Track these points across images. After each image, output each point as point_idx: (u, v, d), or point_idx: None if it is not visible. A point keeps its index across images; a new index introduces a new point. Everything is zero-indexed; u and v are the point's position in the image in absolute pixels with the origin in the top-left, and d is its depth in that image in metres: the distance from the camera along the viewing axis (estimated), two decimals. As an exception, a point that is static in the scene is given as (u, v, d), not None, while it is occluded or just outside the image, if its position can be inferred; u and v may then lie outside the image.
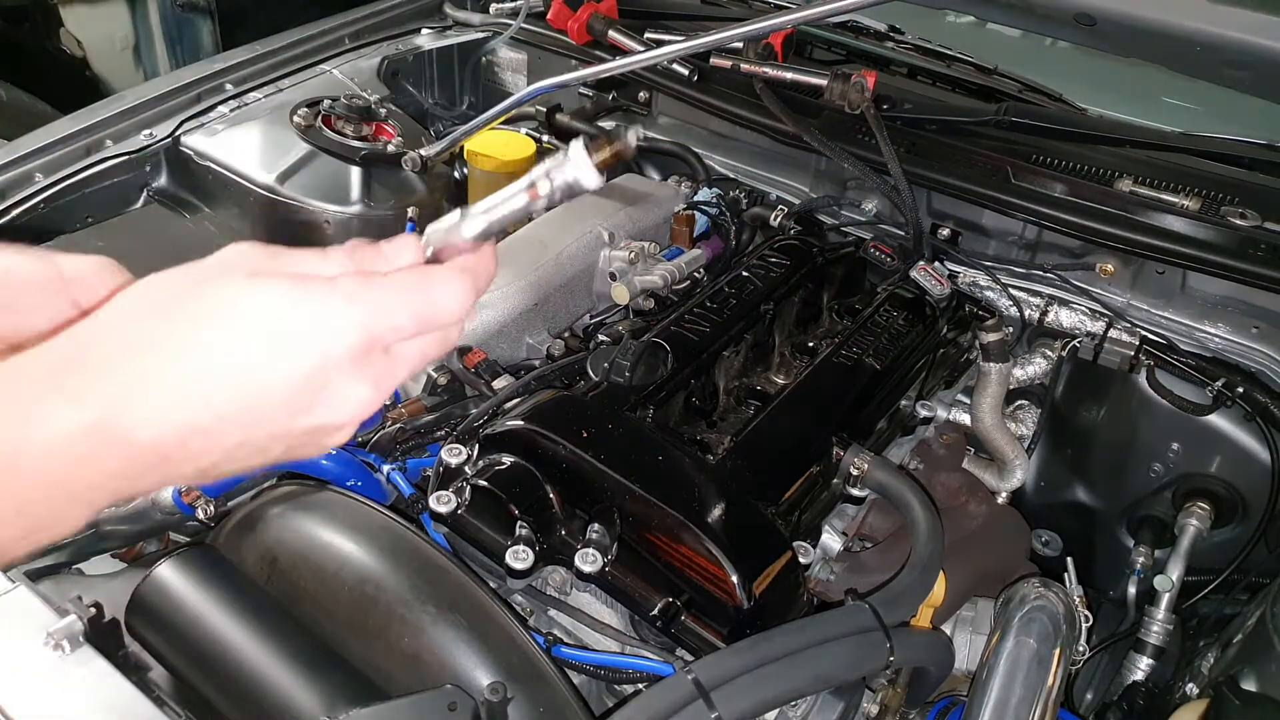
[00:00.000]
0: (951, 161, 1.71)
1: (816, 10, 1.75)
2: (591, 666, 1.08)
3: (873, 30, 2.13)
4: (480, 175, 1.87)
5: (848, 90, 1.72)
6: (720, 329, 1.35)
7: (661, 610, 1.05)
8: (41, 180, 1.72)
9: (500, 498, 1.09)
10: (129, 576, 1.15)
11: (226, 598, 1.03)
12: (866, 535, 1.30)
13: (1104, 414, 1.75)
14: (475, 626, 0.99)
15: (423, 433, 1.33)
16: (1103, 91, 2.02)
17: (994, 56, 2.02)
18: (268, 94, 1.99)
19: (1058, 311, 1.66)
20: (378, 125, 1.91)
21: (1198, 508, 1.64)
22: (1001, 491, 1.64)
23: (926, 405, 1.47)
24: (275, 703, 0.94)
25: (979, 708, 1.11)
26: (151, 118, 1.88)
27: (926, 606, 1.20)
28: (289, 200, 1.77)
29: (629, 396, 1.21)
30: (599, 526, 1.08)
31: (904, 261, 1.60)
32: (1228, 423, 1.60)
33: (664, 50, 1.80)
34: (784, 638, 0.97)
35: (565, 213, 1.68)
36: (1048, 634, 1.15)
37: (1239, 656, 1.30)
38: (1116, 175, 1.66)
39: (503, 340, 1.48)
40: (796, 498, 1.18)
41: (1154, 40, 1.53)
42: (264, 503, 1.14)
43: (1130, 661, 1.57)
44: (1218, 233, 1.54)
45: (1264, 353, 1.56)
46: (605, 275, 1.59)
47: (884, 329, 1.43)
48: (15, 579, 1.04)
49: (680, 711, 0.90)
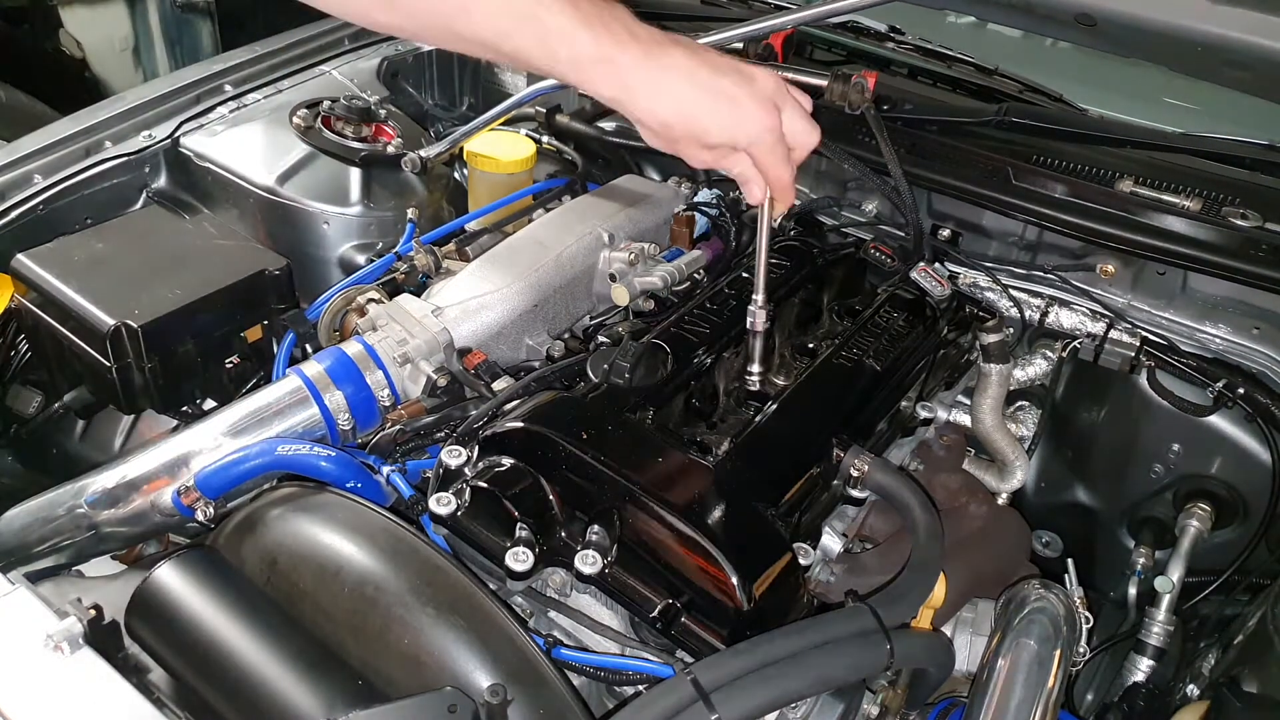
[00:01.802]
0: (952, 162, 1.71)
1: (817, 11, 1.75)
2: (591, 668, 1.07)
3: (873, 31, 2.13)
4: (480, 176, 1.87)
5: (848, 91, 1.71)
6: (720, 330, 1.35)
7: (661, 612, 1.05)
8: (41, 181, 1.72)
9: (500, 499, 1.09)
10: (129, 578, 1.15)
11: (226, 599, 1.03)
12: (867, 536, 1.30)
13: (1104, 415, 1.75)
14: (475, 628, 0.99)
15: (422, 434, 1.33)
16: (1103, 92, 2.02)
17: (994, 57, 2.02)
18: (267, 95, 1.99)
19: (1058, 312, 1.66)
20: (377, 126, 1.91)
21: (1198, 509, 1.64)
22: (1002, 492, 1.64)
23: (927, 406, 1.47)
24: (275, 704, 0.94)
25: (979, 709, 1.11)
26: (151, 119, 1.89)
27: (927, 608, 1.20)
28: (289, 201, 1.77)
29: (629, 398, 1.21)
30: (599, 528, 1.08)
31: (904, 262, 1.60)
32: (1228, 424, 1.60)
33: (664, 51, 1.80)
34: (784, 639, 0.97)
35: (565, 214, 1.68)
36: (1048, 635, 1.15)
37: (1240, 658, 1.30)
38: (1117, 176, 1.66)
39: (502, 342, 1.48)
40: (796, 499, 1.17)
41: (1155, 40, 1.53)
42: (263, 504, 1.14)
43: (1131, 663, 1.57)
44: (1218, 233, 1.54)
45: (1265, 354, 1.56)
46: (605, 276, 1.59)
47: (884, 330, 1.43)
48: (15, 580, 1.03)
49: (680, 713, 0.90)
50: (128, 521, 1.27)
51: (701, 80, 0.94)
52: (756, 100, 0.97)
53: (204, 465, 1.25)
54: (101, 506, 1.26)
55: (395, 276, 1.60)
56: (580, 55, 0.90)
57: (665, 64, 0.93)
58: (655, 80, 0.93)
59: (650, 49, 0.92)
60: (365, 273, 1.62)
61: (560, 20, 0.88)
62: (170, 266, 1.56)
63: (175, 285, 1.51)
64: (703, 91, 0.94)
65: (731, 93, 0.95)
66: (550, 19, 0.88)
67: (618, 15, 0.92)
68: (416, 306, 1.44)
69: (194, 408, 1.60)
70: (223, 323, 1.56)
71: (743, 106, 0.96)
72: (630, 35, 0.92)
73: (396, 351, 1.37)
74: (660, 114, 0.95)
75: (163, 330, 1.47)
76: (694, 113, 0.95)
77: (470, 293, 1.47)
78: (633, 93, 0.93)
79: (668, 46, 0.94)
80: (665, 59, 0.93)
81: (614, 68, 0.91)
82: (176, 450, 1.28)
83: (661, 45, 0.93)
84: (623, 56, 0.91)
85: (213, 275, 1.55)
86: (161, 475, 1.26)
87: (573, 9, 0.89)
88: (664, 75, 0.93)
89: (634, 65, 0.92)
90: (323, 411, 1.31)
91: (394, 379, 1.36)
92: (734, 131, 0.97)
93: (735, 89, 0.96)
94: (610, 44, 0.90)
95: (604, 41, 0.90)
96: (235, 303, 1.56)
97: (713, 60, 0.96)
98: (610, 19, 0.91)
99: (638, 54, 0.92)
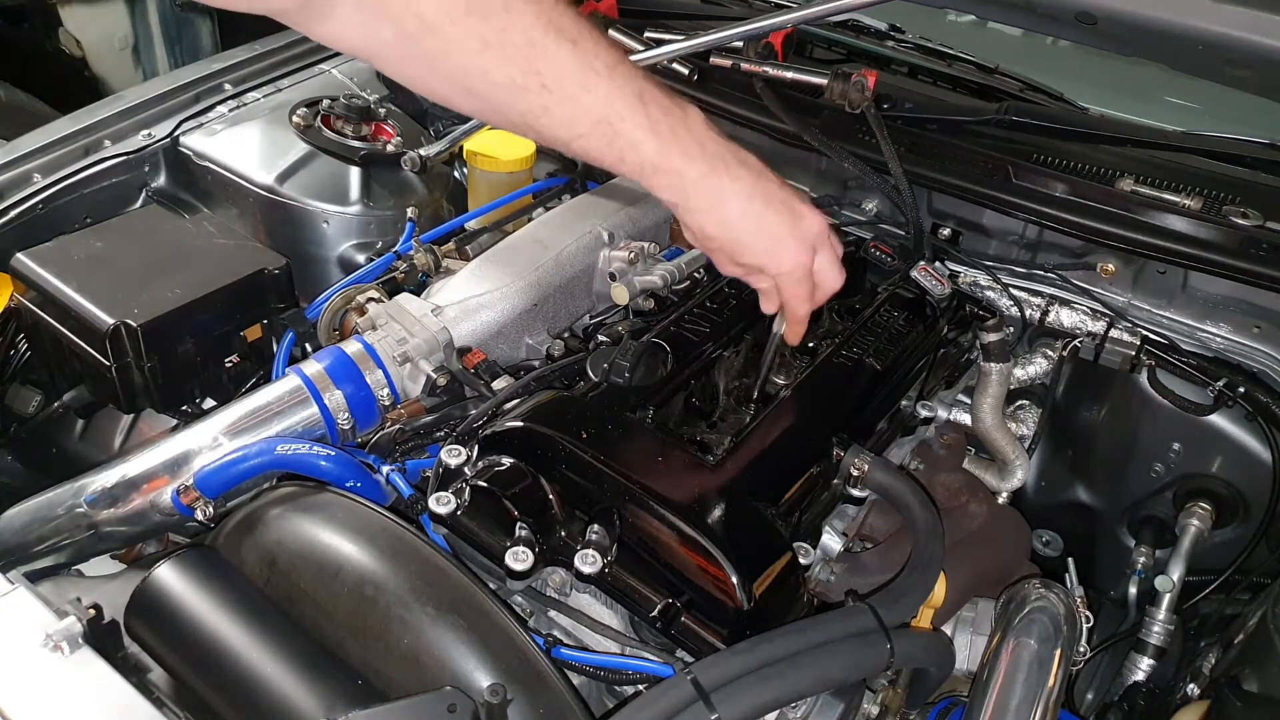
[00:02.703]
0: (952, 161, 1.70)
1: (817, 9, 1.75)
2: (591, 668, 1.07)
3: (873, 29, 2.13)
4: (480, 175, 1.86)
5: (848, 89, 1.71)
6: (720, 329, 1.35)
7: (661, 611, 1.05)
8: (40, 180, 1.72)
9: (500, 499, 1.09)
10: (128, 578, 1.15)
11: (226, 599, 1.03)
12: (867, 536, 1.30)
13: (1105, 414, 1.75)
14: (475, 628, 0.99)
15: (422, 434, 1.33)
16: (1104, 90, 2.02)
17: (995, 55, 2.02)
18: (267, 94, 1.99)
19: (1058, 311, 1.66)
20: (377, 125, 1.91)
21: (1199, 508, 1.63)
22: (1002, 492, 1.64)
23: (927, 405, 1.47)
24: (274, 704, 0.94)
25: (979, 709, 1.11)
26: (150, 118, 1.89)
27: (927, 607, 1.20)
28: (288, 200, 1.77)
29: (629, 397, 1.20)
30: (598, 527, 1.08)
31: (904, 261, 1.60)
32: (1229, 423, 1.60)
33: (664, 49, 1.80)
34: (784, 639, 0.97)
35: (565, 213, 1.68)
36: (1048, 635, 1.15)
37: (1240, 657, 1.30)
38: (1118, 174, 1.66)
39: (502, 341, 1.47)
40: (796, 498, 1.17)
41: (1155, 39, 1.52)
42: (263, 504, 1.14)
43: (1131, 662, 1.56)
44: (1219, 232, 1.54)
45: (1265, 353, 1.56)
46: (605, 275, 1.59)
47: (884, 329, 1.43)
48: (15, 580, 1.03)
49: (680, 713, 0.90)
50: (127, 521, 1.27)
51: (754, 210, 1.00)
52: (797, 239, 1.03)
53: (203, 464, 1.25)
54: (101, 506, 1.26)
55: (395, 275, 1.60)
56: (645, 162, 0.95)
57: (724, 185, 0.98)
58: (710, 198, 0.99)
59: (715, 165, 0.97)
60: (365, 272, 1.61)
61: (631, 128, 0.93)
62: (170, 266, 1.55)
63: (175, 284, 1.51)
64: (751, 219, 1.01)
65: (777, 229, 1.02)
66: (623, 126, 0.93)
67: (690, 125, 0.97)
68: (416, 305, 1.44)
69: (193, 407, 1.60)
70: (222, 322, 1.56)
71: (783, 243, 1.03)
72: (699, 148, 0.97)
73: (396, 351, 1.37)
74: (707, 228, 1.02)
75: (162, 329, 1.47)
76: (737, 235, 1.02)
77: (470, 292, 1.47)
78: (688, 203, 0.99)
79: (733, 167, 0.99)
80: (726, 179, 0.98)
81: (676, 179, 0.97)
82: (176, 449, 1.27)
83: (727, 164, 0.98)
84: (688, 170, 0.96)
85: (212, 274, 1.55)
86: (161, 474, 1.26)
87: (645, 118, 0.93)
88: (720, 196, 0.99)
89: (695, 180, 0.97)
90: (322, 411, 1.31)
91: (394, 378, 1.36)
92: (766, 261, 1.04)
93: (781, 226, 1.02)
94: (678, 156, 0.96)
95: (671, 153, 0.95)
96: (235, 302, 1.56)
97: (769, 190, 1.02)
98: (682, 130, 0.96)
99: (702, 169, 0.97)
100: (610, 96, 0.92)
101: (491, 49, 0.88)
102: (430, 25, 0.87)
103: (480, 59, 0.89)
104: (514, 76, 0.90)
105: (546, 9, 0.89)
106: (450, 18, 0.87)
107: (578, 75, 0.91)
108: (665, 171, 0.96)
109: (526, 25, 0.88)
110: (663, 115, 0.94)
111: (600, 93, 0.91)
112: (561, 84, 0.90)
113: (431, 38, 0.88)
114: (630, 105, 0.92)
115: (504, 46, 0.88)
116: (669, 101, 0.96)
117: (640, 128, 0.93)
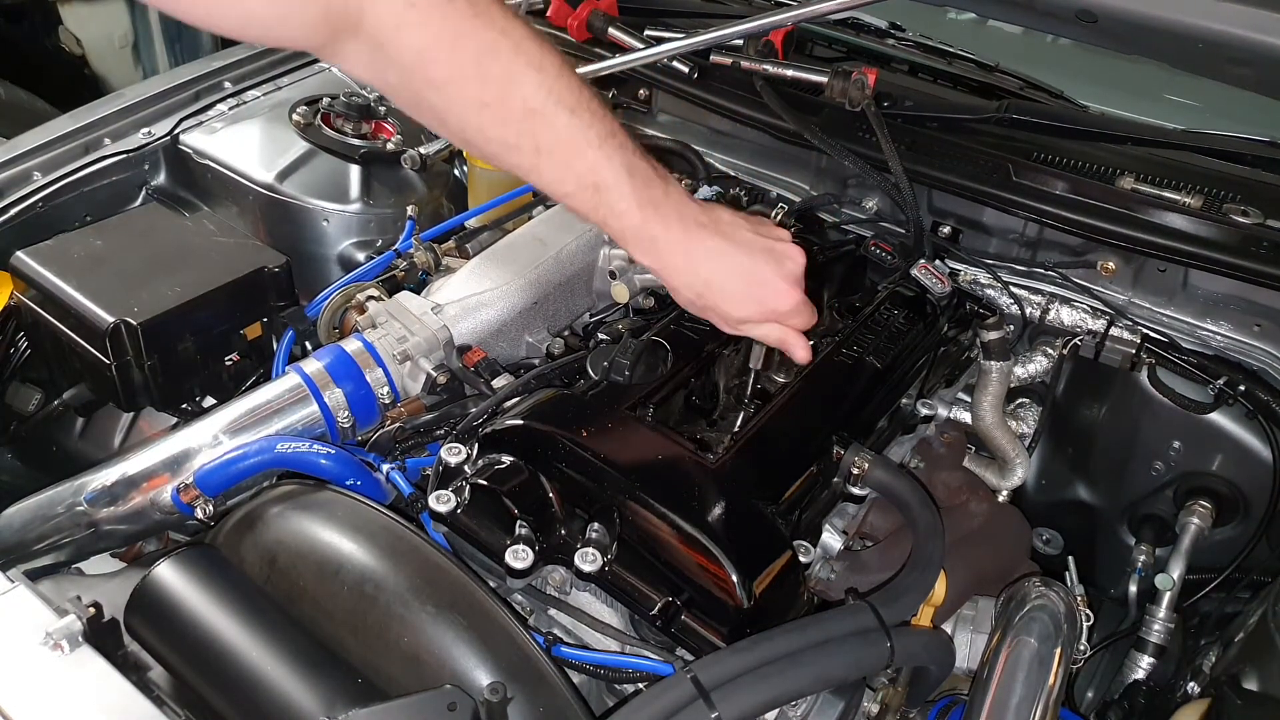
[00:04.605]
0: (952, 159, 1.70)
1: (817, 8, 1.75)
2: (591, 666, 1.07)
3: (873, 27, 2.13)
4: (480, 173, 1.86)
5: (848, 87, 1.71)
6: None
7: (661, 610, 1.05)
8: (40, 178, 1.72)
9: (500, 497, 1.09)
10: (128, 576, 1.15)
11: (226, 597, 1.03)
12: (867, 534, 1.30)
13: (1105, 412, 1.75)
14: (475, 626, 0.99)
15: (422, 432, 1.33)
16: (1104, 89, 2.02)
17: (995, 54, 2.02)
18: (266, 92, 1.99)
19: (1059, 309, 1.66)
20: (377, 123, 1.91)
21: (1199, 506, 1.63)
22: (1002, 490, 1.64)
23: (927, 404, 1.46)
24: (274, 703, 0.94)
25: (979, 707, 1.11)
26: (150, 116, 1.89)
27: (927, 605, 1.20)
28: (288, 199, 1.77)
29: (629, 395, 1.20)
30: (599, 525, 1.08)
31: (905, 259, 1.60)
32: (1229, 421, 1.60)
33: (664, 48, 1.80)
34: (784, 637, 0.97)
35: (565, 211, 1.67)
36: (1049, 633, 1.15)
37: (1240, 655, 1.30)
38: (1118, 173, 1.65)
39: (502, 339, 1.47)
40: (797, 497, 1.17)
41: (1156, 37, 1.52)
42: (263, 502, 1.14)
43: (1131, 660, 1.56)
44: (1220, 230, 1.53)
45: (1266, 350, 1.56)
46: (605, 273, 1.59)
47: (885, 327, 1.43)
48: (14, 578, 1.04)
49: (680, 711, 0.90)
50: (127, 519, 1.27)
51: (733, 263, 1.06)
52: (784, 279, 1.08)
53: (203, 463, 1.25)
54: (101, 504, 1.26)
55: (395, 274, 1.60)
56: (627, 228, 1.01)
57: (699, 247, 1.04)
58: (689, 259, 1.05)
59: (691, 231, 1.03)
60: (365, 270, 1.61)
61: (616, 199, 0.99)
62: (169, 264, 1.55)
63: (175, 283, 1.51)
64: (733, 274, 1.06)
65: (762, 275, 1.07)
66: (608, 196, 0.99)
67: (671, 195, 1.03)
68: (416, 304, 1.44)
69: (193, 405, 1.59)
70: (222, 320, 1.56)
71: (772, 286, 1.08)
72: (678, 217, 1.03)
73: (396, 349, 1.37)
74: (695, 287, 1.07)
75: (162, 328, 1.47)
76: (723, 290, 1.07)
77: (470, 290, 1.47)
78: (668, 267, 1.05)
79: (707, 231, 1.05)
80: (701, 242, 1.04)
81: (654, 245, 1.03)
82: (176, 448, 1.27)
83: (703, 228, 1.04)
84: (665, 236, 1.02)
85: (212, 273, 1.55)
86: (161, 473, 1.26)
87: (629, 188, 0.99)
88: (697, 256, 1.05)
89: (671, 245, 1.03)
90: (322, 409, 1.31)
91: (393, 376, 1.36)
92: (765, 308, 1.09)
93: (765, 269, 1.07)
94: (657, 224, 1.01)
95: (651, 221, 1.01)
96: (235, 300, 1.56)
97: (744, 241, 1.06)
98: (663, 199, 1.01)
99: (678, 234, 1.03)
100: (598, 166, 0.97)
101: (489, 110, 0.93)
102: (434, 82, 0.92)
103: (478, 118, 0.94)
104: (508, 138, 0.95)
105: (549, 78, 0.93)
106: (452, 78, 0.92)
107: (570, 144, 0.96)
108: (646, 239, 1.02)
109: (527, 94, 0.93)
110: (645, 187, 1.00)
111: (589, 161, 0.97)
112: (553, 150, 0.96)
113: (435, 93, 0.93)
114: (617, 176, 0.98)
115: (502, 111, 0.93)
116: (653, 174, 1.01)
117: (624, 198, 0.99)
